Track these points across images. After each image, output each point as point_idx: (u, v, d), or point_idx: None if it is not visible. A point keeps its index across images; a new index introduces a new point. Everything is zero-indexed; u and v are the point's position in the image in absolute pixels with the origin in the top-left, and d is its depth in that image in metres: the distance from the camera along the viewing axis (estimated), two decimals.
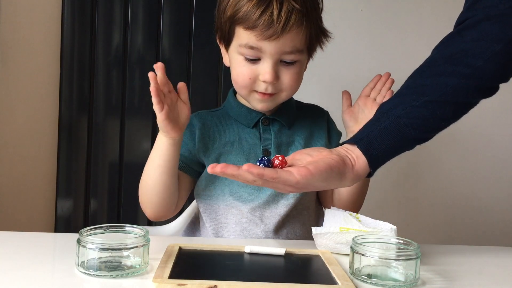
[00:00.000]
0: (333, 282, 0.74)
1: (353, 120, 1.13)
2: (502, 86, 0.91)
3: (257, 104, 1.05)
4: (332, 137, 1.16)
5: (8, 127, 1.87)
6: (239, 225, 1.05)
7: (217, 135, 1.08)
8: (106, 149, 1.86)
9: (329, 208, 0.96)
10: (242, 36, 0.99)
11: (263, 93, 1.02)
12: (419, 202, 1.92)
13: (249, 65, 1.00)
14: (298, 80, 1.04)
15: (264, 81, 1.00)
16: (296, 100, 1.16)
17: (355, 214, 0.93)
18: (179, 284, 0.68)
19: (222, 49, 1.09)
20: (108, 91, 1.87)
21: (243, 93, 1.05)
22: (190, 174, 1.09)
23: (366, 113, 1.11)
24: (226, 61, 1.08)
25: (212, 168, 0.77)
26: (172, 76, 1.86)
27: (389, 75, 1.14)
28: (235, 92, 1.13)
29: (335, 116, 1.22)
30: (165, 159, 0.99)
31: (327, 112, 1.19)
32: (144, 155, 1.09)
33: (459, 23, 0.92)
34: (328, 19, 1.10)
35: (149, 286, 0.71)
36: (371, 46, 1.86)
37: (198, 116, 1.11)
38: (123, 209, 1.87)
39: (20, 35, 1.85)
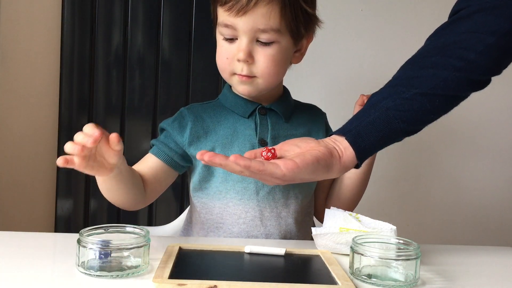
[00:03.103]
0: (333, 282, 0.74)
1: None
2: (504, 86, 0.91)
3: (238, 87, 1.02)
4: None
5: (8, 127, 1.87)
6: (236, 226, 1.04)
7: (212, 127, 1.06)
8: None
9: (329, 207, 0.96)
10: (220, 15, 0.99)
11: (241, 75, 0.99)
12: (419, 202, 1.92)
13: (227, 45, 0.99)
14: (274, 62, 0.99)
15: (238, 60, 0.98)
16: (294, 99, 1.14)
17: (354, 214, 0.93)
18: (179, 284, 0.69)
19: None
20: (108, 91, 1.87)
21: (225, 76, 1.03)
22: (174, 168, 1.06)
23: None
24: None
25: (200, 155, 0.76)
26: (172, 76, 1.87)
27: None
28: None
29: (336, 116, 1.22)
30: (115, 186, 0.94)
31: (325, 113, 1.18)
32: (144, 155, 1.08)
33: (454, 13, 0.91)
34: (329, 20, 1.10)
35: (149, 286, 0.71)
36: (371, 46, 1.86)
37: (191, 109, 1.09)
38: (123, 209, 1.87)
39: (20, 35, 1.85)
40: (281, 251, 0.85)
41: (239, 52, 0.97)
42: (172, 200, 1.88)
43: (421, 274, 0.79)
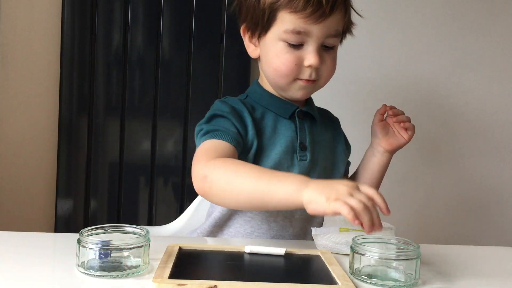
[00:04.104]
0: (333, 282, 0.74)
1: (384, 131, 1.12)
2: (504, 85, 0.91)
3: (298, 92, 1.02)
4: (347, 143, 1.17)
5: (8, 127, 1.87)
6: (266, 224, 1.03)
7: (260, 125, 1.02)
8: (106, 149, 1.86)
9: None
10: (288, 21, 0.96)
11: (307, 80, 0.99)
12: (419, 202, 1.92)
13: (293, 50, 0.97)
14: (335, 64, 1.03)
15: (309, 66, 0.97)
16: None
17: None
18: (179, 284, 0.69)
19: (247, 41, 1.04)
20: (108, 91, 1.87)
21: (285, 81, 1.01)
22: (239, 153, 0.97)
23: (396, 127, 1.12)
24: (253, 52, 1.04)
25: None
26: (172, 76, 1.87)
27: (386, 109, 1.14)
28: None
29: (335, 115, 1.22)
30: (279, 207, 0.84)
31: (337, 118, 1.20)
32: (144, 155, 1.08)
33: None
34: None
35: (149, 286, 0.71)
36: (371, 46, 1.86)
37: (235, 102, 1.03)
38: (123, 209, 1.87)
39: (20, 35, 1.85)
40: (281, 251, 0.85)
41: (312, 58, 0.97)
42: (172, 200, 1.88)
43: (421, 274, 0.79)
